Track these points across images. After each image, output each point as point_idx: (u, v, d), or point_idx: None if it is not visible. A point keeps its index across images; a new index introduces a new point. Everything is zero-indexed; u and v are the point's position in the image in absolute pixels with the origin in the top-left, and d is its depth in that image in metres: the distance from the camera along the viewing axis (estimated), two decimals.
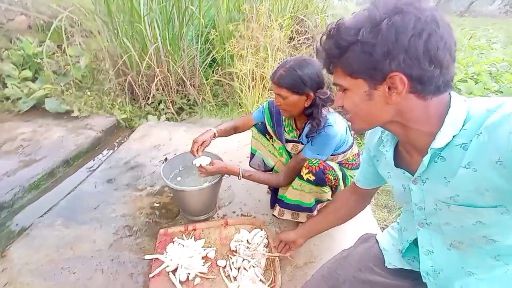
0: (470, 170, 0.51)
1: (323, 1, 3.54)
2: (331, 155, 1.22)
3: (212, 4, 2.77)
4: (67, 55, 2.49)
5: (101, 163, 1.99)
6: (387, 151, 0.68)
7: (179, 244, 1.26)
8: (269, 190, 1.63)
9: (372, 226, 1.43)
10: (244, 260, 1.19)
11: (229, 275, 1.15)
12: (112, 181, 1.77)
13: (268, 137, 1.43)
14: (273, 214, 1.38)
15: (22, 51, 2.63)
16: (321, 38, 0.59)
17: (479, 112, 0.51)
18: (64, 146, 2.06)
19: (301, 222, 1.38)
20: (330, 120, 1.16)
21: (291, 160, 1.30)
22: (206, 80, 2.81)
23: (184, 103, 2.81)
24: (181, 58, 2.70)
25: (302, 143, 1.27)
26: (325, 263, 0.91)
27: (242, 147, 2.09)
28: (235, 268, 1.17)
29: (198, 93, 2.83)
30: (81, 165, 2.03)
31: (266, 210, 1.54)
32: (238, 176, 1.29)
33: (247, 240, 1.28)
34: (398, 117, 0.57)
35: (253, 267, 1.16)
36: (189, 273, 1.14)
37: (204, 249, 1.25)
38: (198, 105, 2.81)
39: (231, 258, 1.21)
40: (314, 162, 1.17)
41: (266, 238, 1.27)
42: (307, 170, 1.17)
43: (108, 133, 2.39)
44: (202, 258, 1.21)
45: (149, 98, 2.64)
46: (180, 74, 2.65)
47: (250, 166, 1.53)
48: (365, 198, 0.92)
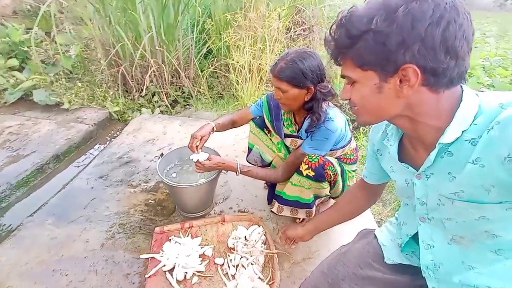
0: (477, 166, 0.50)
1: None
2: (330, 150, 1.21)
3: None
4: (56, 43, 2.38)
5: (93, 158, 1.93)
6: (391, 145, 0.67)
7: (176, 242, 1.25)
8: (266, 185, 1.62)
9: (368, 220, 1.43)
10: (242, 257, 1.18)
11: (227, 273, 1.14)
12: (105, 177, 1.72)
13: (266, 131, 1.41)
14: (271, 211, 1.36)
15: (7, 38, 2.50)
16: (331, 27, 0.56)
17: (491, 106, 0.50)
18: (54, 141, 2.00)
19: (298, 218, 1.37)
20: (331, 115, 1.14)
21: (290, 155, 1.28)
22: (201, 72, 2.76)
23: (178, 95, 2.75)
24: (176, 48, 2.62)
25: (301, 138, 1.25)
26: (325, 259, 0.91)
27: (239, 141, 2.05)
28: (233, 266, 1.16)
29: (193, 85, 2.78)
30: (72, 160, 1.97)
31: (263, 205, 1.53)
32: (236, 172, 1.27)
33: (245, 237, 1.27)
34: (407, 111, 0.55)
35: (251, 264, 1.16)
36: (186, 272, 1.12)
37: (201, 247, 1.24)
38: (193, 97, 2.75)
39: (229, 256, 1.20)
40: (314, 157, 1.16)
41: (264, 235, 1.27)
42: (306, 166, 1.16)
43: (100, 127, 2.33)
44: (200, 256, 1.20)
45: (142, 90, 2.57)
46: (175, 65, 2.58)
47: (247, 161, 1.50)
48: (374, 194, 0.92)
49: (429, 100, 0.53)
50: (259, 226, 1.31)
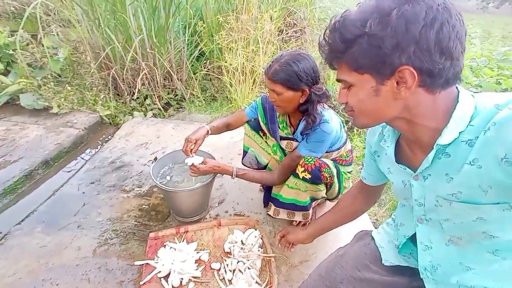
0: (474, 167, 0.51)
1: None
2: (326, 152, 1.22)
3: None
4: (43, 46, 2.32)
5: (84, 163, 1.89)
6: (388, 147, 0.67)
7: (171, 247, 1.22)
8: (261, 188, 1.61)
9: (364, 221, 1.44)
10: (239, 262, 1.17)
11: (224, 278, 1.13)
12: (96, 183, 1.68)
13: (262, 134, 1.40)
14: (268, 214, 1.36)
15: None
16: (325, 31, 0.56)
17: (487, 107, 0.50)
18: (43, 146, 1.94)
19: (295, 221, 1.37)
20: (326, 117, 1.15)
21: (285, 158, 1.28)
22: (194, 74, 2.73)
23: (171, 98, 2.72)
24: (168, 51, 2.59)
25: (296, 140, 1.25)
26: (322, 262, 0.90)
27: (233, 144, 2.04)
28: (229, 270, 1.15)
29: (186, 88, 2.76)
30: (63, 166, 1.92)
31: (259, 208, 1.52)
32: (232, 175, 1.26)
33: (241, 240, 1.26)
34: (404, 113, 0.56)
35: (248, 268, 1.15)
36: (182, 278, 1.11)
37: (197, 252, 1.22)
38: (186, 100, 2.73)
39: (225, 260, 1.19)
40: (310, 160, 1.16)
41: (261, 238, 1.26)
42: (302, 168, 1.16)
43: (91, 131, 2.27)
44: (196, 261, 1.18)
45: (134, 93, 2.53)
46: (167, 67, 2.56)
47: (243, 164, 1.49)
48: (373, 195, 0.92)
49: (426, 101, 0.53)
50: (256, 230, 1.30)
